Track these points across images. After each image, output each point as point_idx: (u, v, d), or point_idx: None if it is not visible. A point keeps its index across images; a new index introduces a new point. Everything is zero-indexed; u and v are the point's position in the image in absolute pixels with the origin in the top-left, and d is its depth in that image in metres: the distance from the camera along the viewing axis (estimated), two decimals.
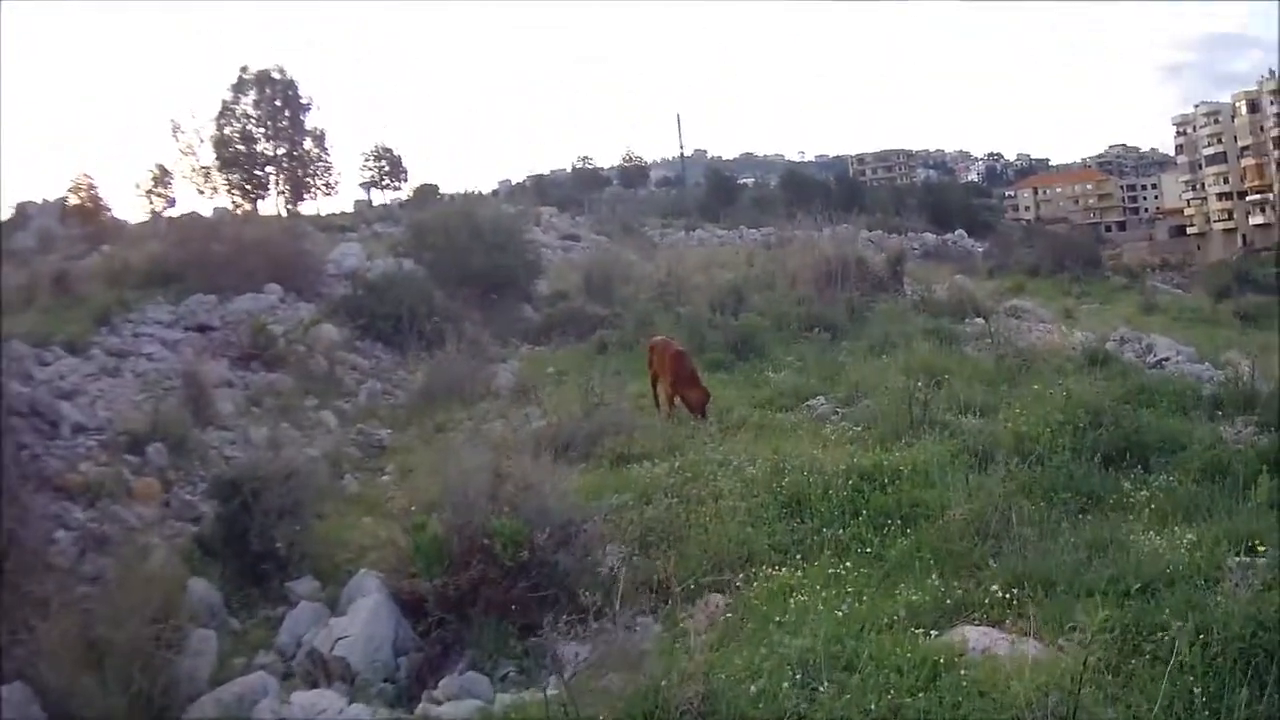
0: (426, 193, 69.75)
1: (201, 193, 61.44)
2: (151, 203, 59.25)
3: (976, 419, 16.22)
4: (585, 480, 14.05)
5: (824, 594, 9.58)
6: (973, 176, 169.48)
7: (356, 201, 75.20)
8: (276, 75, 63.79)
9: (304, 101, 65.01)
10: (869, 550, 11.06)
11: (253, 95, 63.51)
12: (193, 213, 57.96)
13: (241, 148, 63.04)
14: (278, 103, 63.81)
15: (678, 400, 18.62)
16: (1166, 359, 25.33)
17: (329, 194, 67.70)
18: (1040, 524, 11.09)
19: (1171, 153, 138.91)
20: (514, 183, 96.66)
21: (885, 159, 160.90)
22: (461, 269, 30.65)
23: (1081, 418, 14.26)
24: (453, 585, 10.05)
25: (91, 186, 50.44)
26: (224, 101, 63.18)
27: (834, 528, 11.70)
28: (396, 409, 21.40)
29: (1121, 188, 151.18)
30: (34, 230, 43.79)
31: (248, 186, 63.25)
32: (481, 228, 32.01)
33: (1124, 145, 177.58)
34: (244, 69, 64.29)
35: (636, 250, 47.99)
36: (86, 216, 44.70)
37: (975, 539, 10.81)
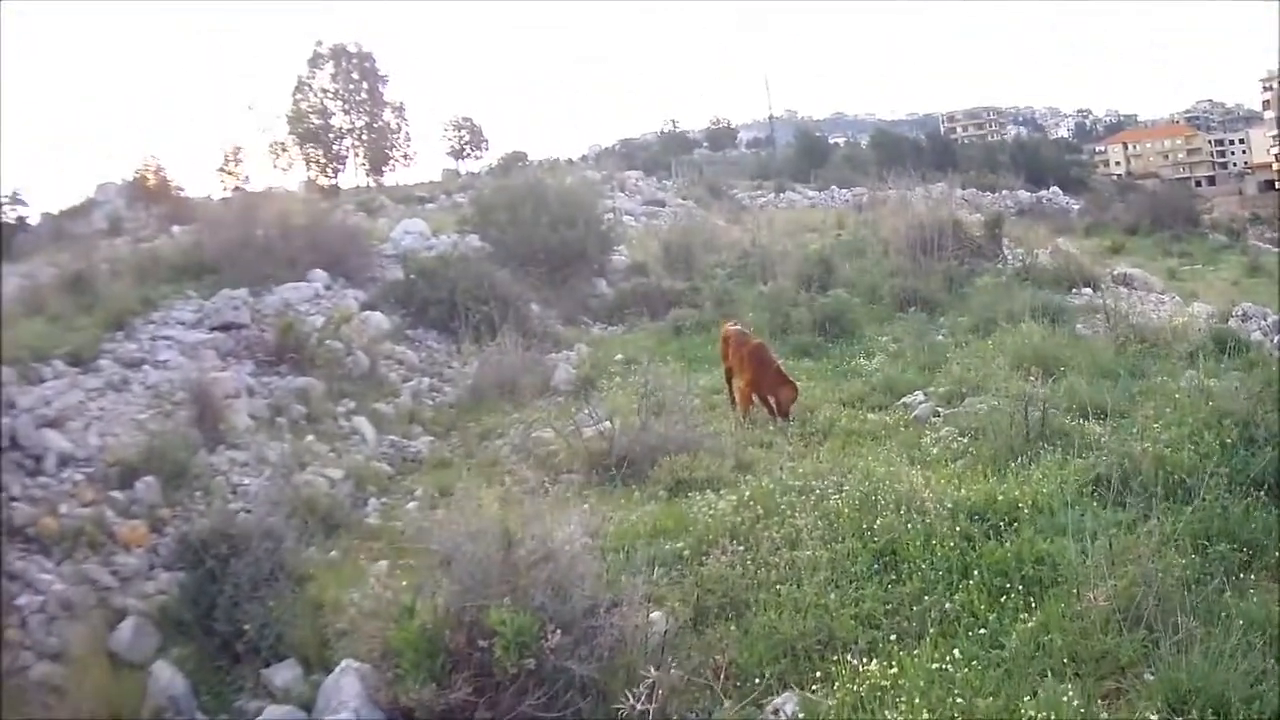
0: (512, 160, 68.26)
1: (280, 169, 61.45)
2: (224, 182, 58.07)
3: (1102, 426, 13.61)
4: (635, 519, 11.81)
5: (924, 701, 7.30)
6: (1063, 133, 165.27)
7: (445, 171, 73.88)
8: (352, 49, 63.26)
9: (381, 74, 64.42)
10: (983, 629, 8.59)
11: (329, 69, 62.89)
12: (267, 189, 57.66)
13: (319, 122, 62.50)
14: (355, 76, 63.28)
15: (756, 399, 16.28)
16: None
17: (408, 165, 67.25)
18: (1203, 602, 8.49)
19: (1259, 108, 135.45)
20: (603, 148, 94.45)
21: (975, 116, 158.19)
22: (527, 245, 28.36)
23: (1229, 430, 11.80)
24: (442, 698, 7.72)
25: (159, 168, 48.76)
26: (299, 77, 63.00)
27: (937, 592, 9.27)
28: (443, 410, 19.19)
29: (1210, 143, 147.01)
30: (103, 212, 42.46)
31: (325, 161, 62.77)
32: (548, 199, 29.56)
33: (1211, 101, 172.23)
34: (319, 43, 63.94)
35: (724, 214, 45.76)
36: (155, 197, 43.02)
37: (1121, 626, 8.28)
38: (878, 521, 10.43)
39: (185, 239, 25.71)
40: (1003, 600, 9.03)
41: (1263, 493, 10.49)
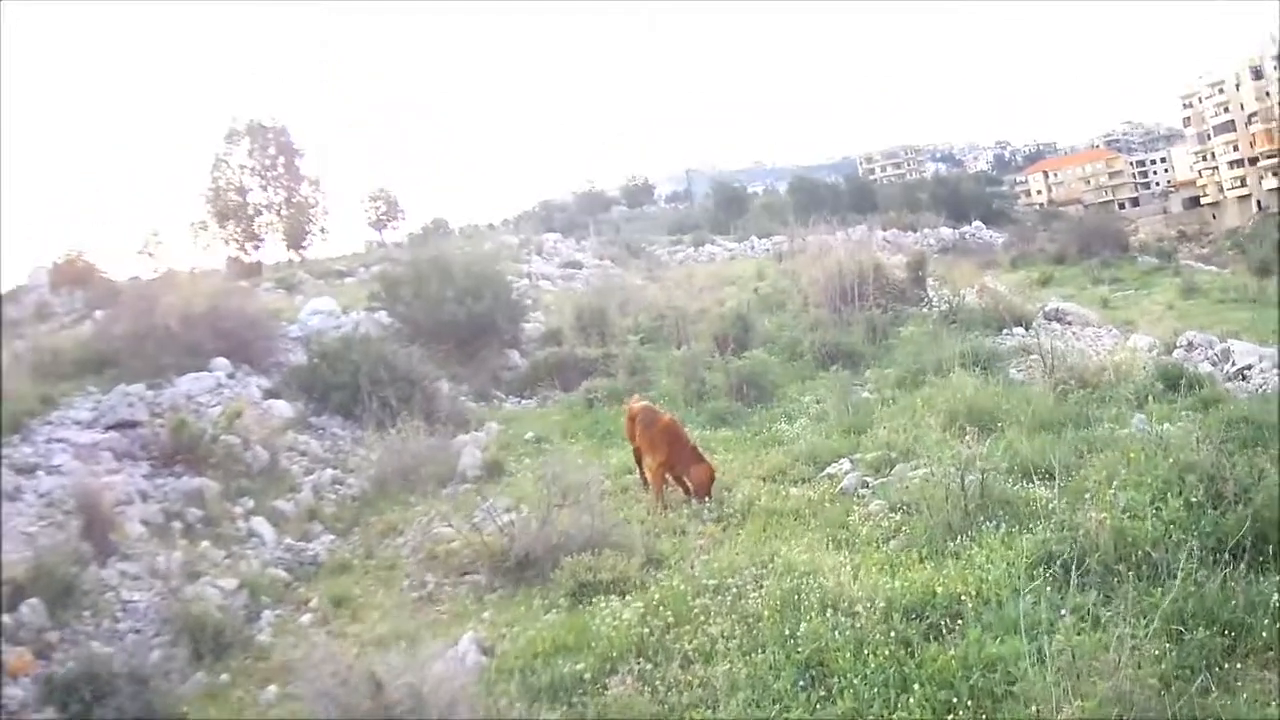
0: (433, 229, 68.23)
1: (202, 248, 62.14)
2: (146, 264, 57.74)
3: (1049, 490, 12.89)
4: (533, 633, 11.40)
5: None
6: (982, 166, 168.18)
7: (367, 242, 73.66)
8: (268, 124, 63.06)
9: (297, 148, 64.24)
10: None
11: (245, 145, 62.65)
12: (191, 269, 57.30)
13: (236, 199, 62.24)
14: (271, 150, 62.75)
15: (670, 479, 16.08)
16: (1249, 367, 22.16)
17: (325, 239, 66.77)
18: (1185, 706, 7.75)
19: (1179, 125, 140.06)
20: (522, 211, 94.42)
21: (893, 155, 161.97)
22: (435, 319, 28.13)
23: (1193, 488, 11.11)
24: None
25: (80, 253, 48.44)
26: (216, 154, 62.86)
27: (873, 711, 8.54)
28: (345, 504, 18.80)
29: (1131, 164, 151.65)
30: (32, 299, 41.77)
31: (243, 238, 62.91)
32: (453, 271, 29.33)
33: (1130, 122, 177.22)
34: (234, 119, 63.91)
35: (643, 272, 45.76)
36: (78, 281, 42.56)
37: None
38: (802, 626, 9.77)
39: (84, 332, 25.26)
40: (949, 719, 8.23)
41: (1241, 563, 9.69)
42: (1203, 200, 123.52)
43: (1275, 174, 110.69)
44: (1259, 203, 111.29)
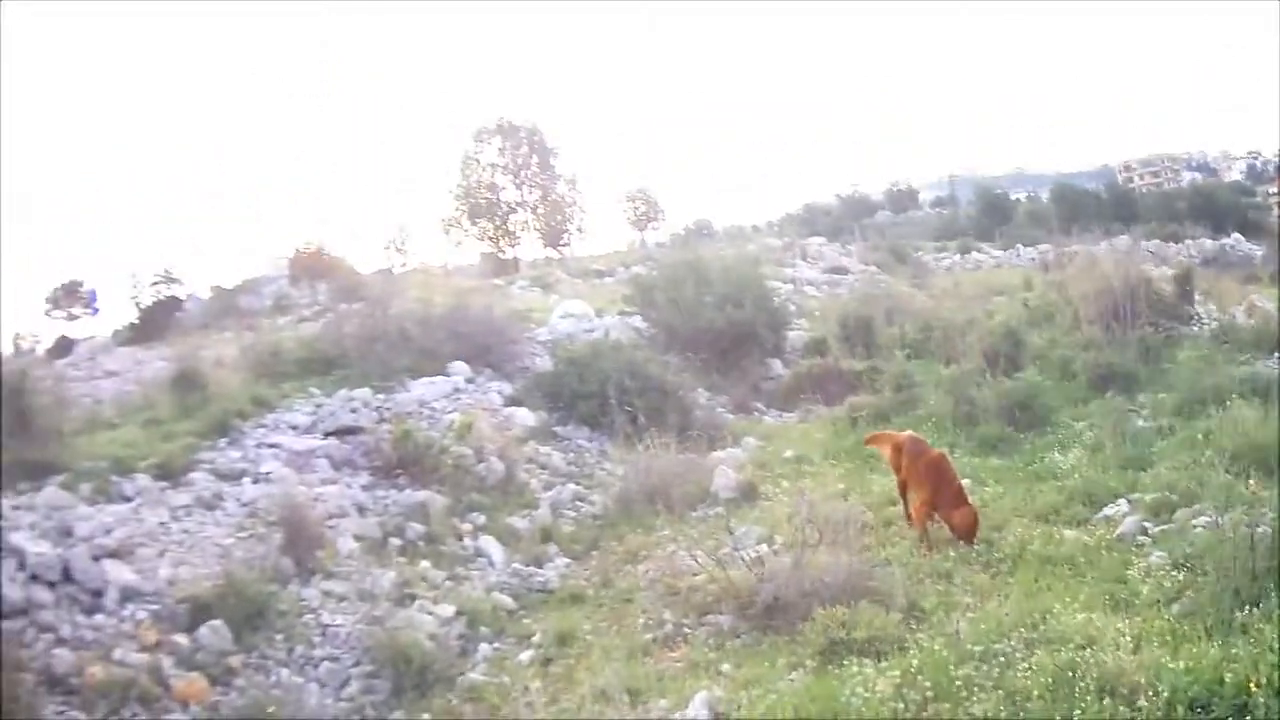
0: (697, 229, 66.67)
1: (454, 244, 62.21)
2: (393, 259, 57.71)
3: None
4: (772, 701, 9.08)
5: None
6: (1235, 175, 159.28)
7: (630, 242, 72.49)
8: (519, 124, 62.14)
9: (551, 147, 63.20)
10: None
11: (496, 144, 62.18)
12: (443, 265, 57.26)
13: (488, 196, 61.91)
14: (523, 150, 62.01)
15: (937, 517, 13.45)
16: None
17: (583, 238, 65.72)
18: None
19: None
20: (787, 214, 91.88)
21: (1151, 164, 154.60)
22: (692, 326, 25.89)
23: None
24: None
25: (320, 245, 48.22)
26: (466, 153, 62.36)
27: None
28: (585, 524, 16.64)
29: None
30: (267, 292, 41.66)
31: (497, 236, 62.55)
32: (710, 276, 27.09)
33: None
34: (482, 119, 63.07)
35: (909, 279, 42.86)
36: (318, 273, 42.01)
37: None
38: (1075, 714, 7.69)
39: (309, 329, 23.96)
40: None
41: None
42: None
43: None
44: None
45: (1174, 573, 10.68)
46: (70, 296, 53.93)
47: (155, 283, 44.90)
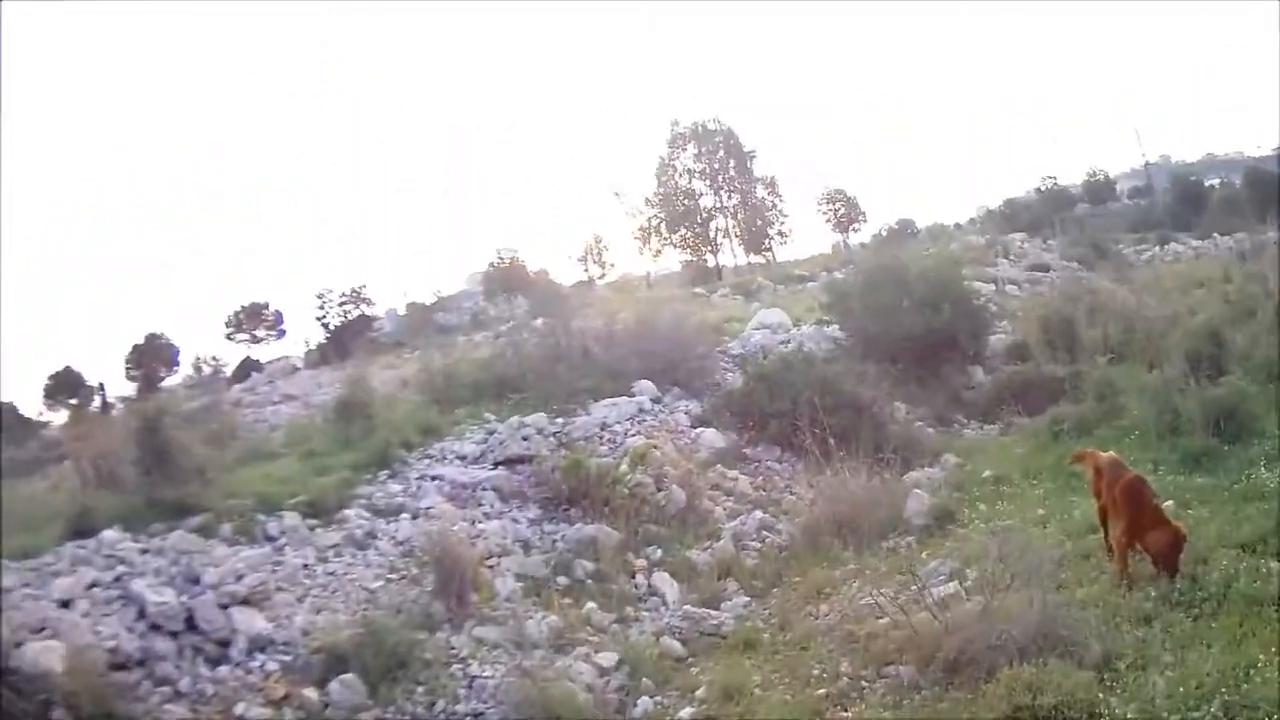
0: (900, 229, 64.83)
1: (652, 252, 61.90)
2: (589, 271, 57.29)
3: None
4: None
5: None
6: None
7: (834, 244, 70.92)
8: (713, 126, 61.43)
9: (748, 149, 62.47)
10: None
11: (691, 149, 61.75)
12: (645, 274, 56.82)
13: (687, 203, 61.47)
14: (720, 153, 61.38)
15: (1139, 548, 11.74)
16: None
17: (784, 242, 64.79)
18: None
19: None
20: (988, 209, 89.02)
21: None
22: (888, 334, 24.37)
23: None
24: None
25: (515, 257, 48.06)
26: (661, 158, 62.02)
27: None
28: (769, 556, 15.33)
29: None
30: (469, 305, 41.56)
31: (697, 243, 62.16)
32: (908, 280, 25.63)
33: None
34: (675, 123, 62.67)
35: (1111, 274, 40.55)
36: (514, 286, 41.76)
37: None
38: None
39: (483, 352, 23.31)
40: None
41: None
42: None
43: None
44: None
45: None
46: (254, 318, 54.55)
47: (343, 302, 45.41)
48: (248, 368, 42.94)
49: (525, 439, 17.12)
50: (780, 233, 64.14)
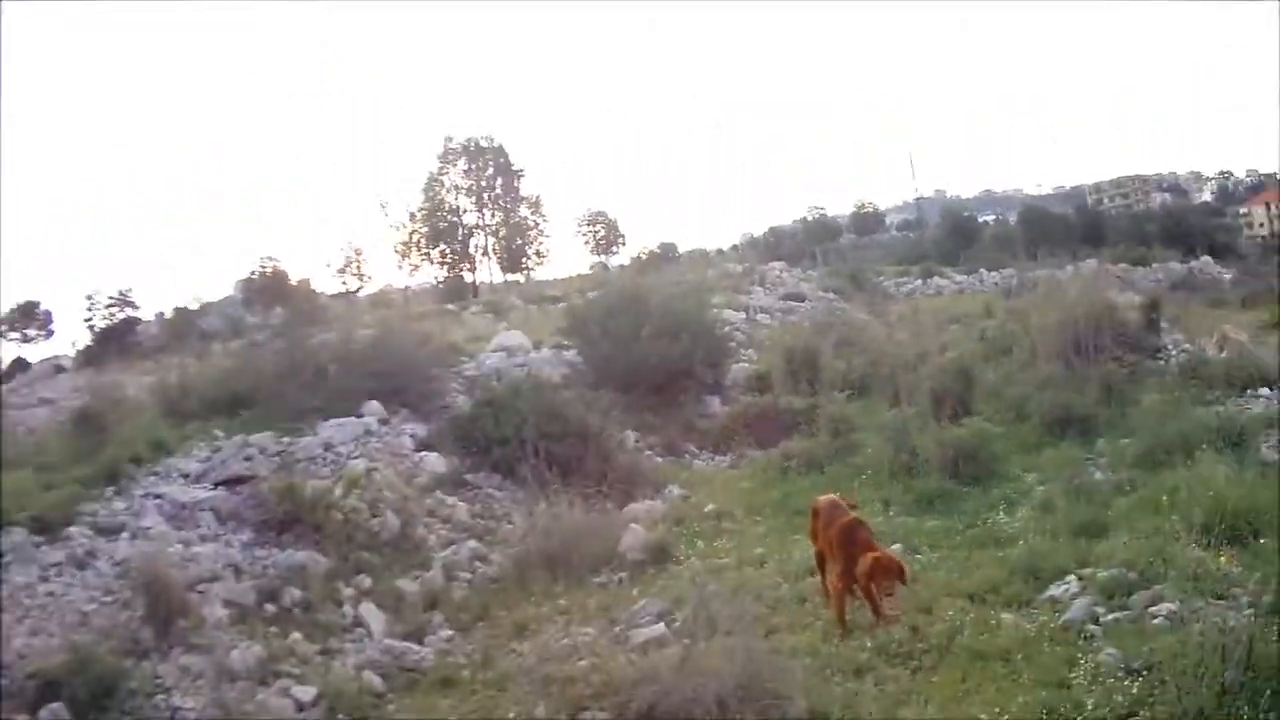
0: (662, 252, 66.40)
1: (410, 266, 62.01)
2: (347, 283, 57.02)
3: None
4: None
5: None
6: (1205, 197, 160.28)
7: (592, 265, 72.08)
8: (485, 144, 62.02)
9: (516, 168, 63.36)
10: None
11: (461, 165, 62.20)
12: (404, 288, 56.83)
13: (450, 219, 61.87)
14: (489, 171, 61.40)
15: (858, 594, 12.24)
16: None
17: (542, 262, 66.14)
18: None
19: None
20: (753, 237, 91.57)
21: (1121, 185, 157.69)
22: (626, 362, 24.99)
23: None
24: None
25: (276, 267, 47.71)
26: (430, 173, 62.94)
27: None
28: (479, 588, 15.66)
29: None
30: (223, 313, 41.15)
31: (455, 259, 62.87)
32: (648, 307, 26.31)
33: None
34: (448, 139, 63.72)
35: (867, 305, 42.28)
36: (274, 297, 41.51)
37: None
38: None
39: (215, 365, 23.22)
40: None
41: None
42: None
43: None
44: None
45: (1126, 681, 9.20)
46: (26, 317, 53.17)
47: (110, 305, 44.43)
48: (16, 368, 41.57)
49: (248, 458, 17.17)
50: (539, 252, 65.43)
